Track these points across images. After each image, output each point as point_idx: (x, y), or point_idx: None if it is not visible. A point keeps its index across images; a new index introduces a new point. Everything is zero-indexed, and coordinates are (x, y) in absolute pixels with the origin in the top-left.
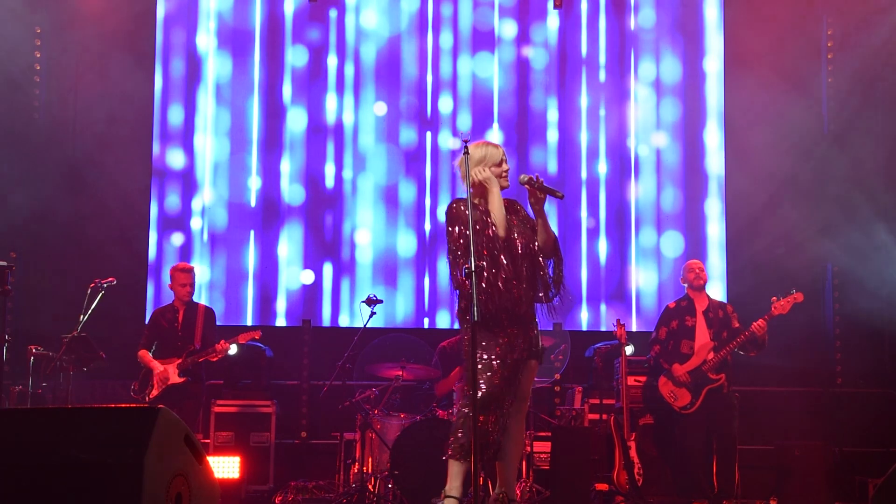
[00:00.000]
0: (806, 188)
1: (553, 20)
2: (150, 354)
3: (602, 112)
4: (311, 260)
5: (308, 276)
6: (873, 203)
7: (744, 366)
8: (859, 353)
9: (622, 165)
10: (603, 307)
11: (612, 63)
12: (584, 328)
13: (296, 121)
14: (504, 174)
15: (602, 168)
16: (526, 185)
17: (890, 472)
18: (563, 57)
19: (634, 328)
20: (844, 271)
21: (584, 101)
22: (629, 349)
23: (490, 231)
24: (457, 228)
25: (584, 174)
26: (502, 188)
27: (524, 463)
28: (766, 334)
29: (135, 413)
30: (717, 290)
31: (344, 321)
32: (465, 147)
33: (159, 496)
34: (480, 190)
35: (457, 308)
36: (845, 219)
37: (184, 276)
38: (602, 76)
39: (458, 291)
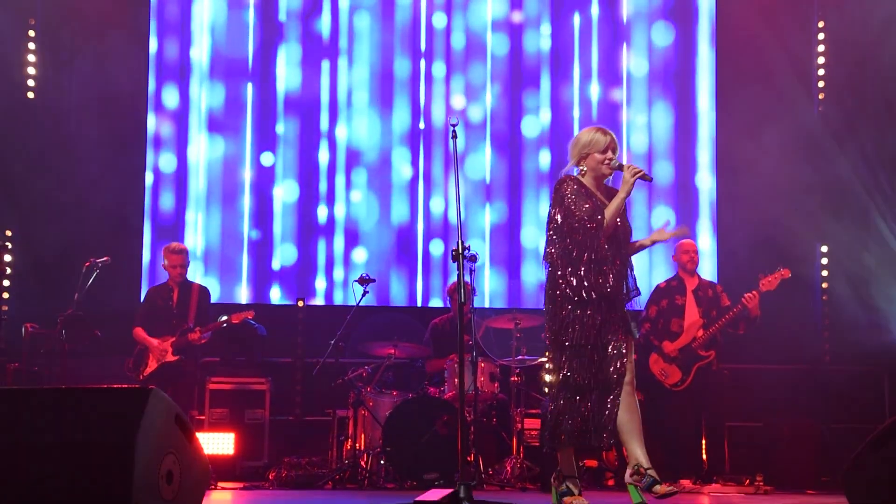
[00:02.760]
0: (798, 170)
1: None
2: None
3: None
4: (304, 237)
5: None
6: (865, 185)
7: (733, 343)
8: (848, 331)
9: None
10: None
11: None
12: None
13: (290, 110)
14: (607, 161)
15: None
16: (619, 170)
17: (860, 449)
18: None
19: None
20: (834, 251)
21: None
22: None
23: (598, 219)
24: (560, 210)
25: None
26: (603, 175)
27: (514, 440)
28: (758, 308)
29: (126, 393)
30: (707, 270)
31: (338, 299)
32: (454, 130)
33: (151, 474)
34: (596, 175)
35: (547, 287)
36: (837, 200)
37: (174, 257)
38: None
39: (548, 269)
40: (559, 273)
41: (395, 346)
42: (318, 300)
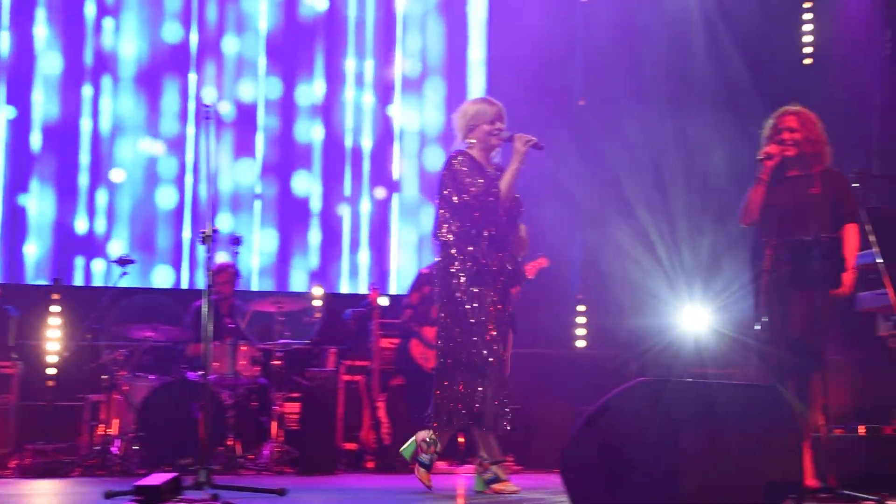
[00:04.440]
0: (563, 163)
1: None
2: None
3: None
4: (64, 217)
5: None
6: (615, 172)
7: None
8: (602, 316)
9: (385, 129)
10: (362, 270)
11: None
12: (343, 291)
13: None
14: (496, 132)
15: (367, 141)
16: (508, 141)
17: (574, 430)
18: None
19: (393, 292)
20: (590, 241)
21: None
22: (383, 301)
23: (493, 192)
24: (454, 186)
25: (348, 142)
26: (492, 147)
27: (275, 423)
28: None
29: None
30: None
31: (98, 281)
32: (207, 112)
33: None
34: (485, 146)
35: (440, 265)
36: (592, 193)
37: None
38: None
39: (441, 248)
40: (454, 251)
41: (153, 329)
42: (77, 281)
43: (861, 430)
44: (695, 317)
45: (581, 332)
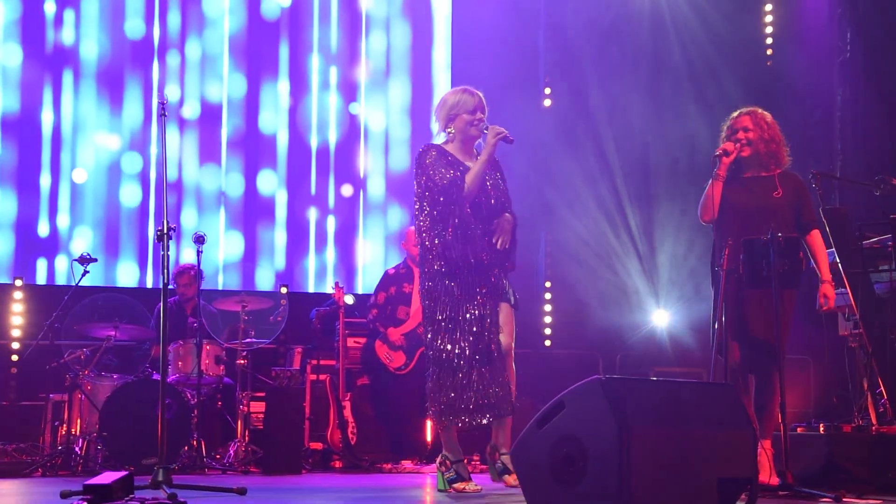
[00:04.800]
0: (526, 159)
1: None
2: None
3: (334, 77)
4: (25, 214)
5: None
6: (581, 171)
7: None
8: (567, 317)
9: (350, 127)
10: (328, 269)
11: None
12: (309, 290)
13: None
14: (476, 123)
15: (332, 139)
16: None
17: (527, 427)
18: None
19: (359, 290)
20: (556, 241)
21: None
22: (348, 299)
23: (460, 185)
24: (423, 180)
25: (314, 141)
26: (472, 138)
27: (240, 423)
28: None
29: None
30: None
31: (60, 280)
32: (163, 109)
33: None
34: (464, 137)
35: (421, 258)
36: (557, 192)
37: None
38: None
39: (419, 241)
40: (427, 245)
41: (116, 328)
42: (39, 279)
43: (821, 428)
44: (661, 315)
45: (547, 331)
